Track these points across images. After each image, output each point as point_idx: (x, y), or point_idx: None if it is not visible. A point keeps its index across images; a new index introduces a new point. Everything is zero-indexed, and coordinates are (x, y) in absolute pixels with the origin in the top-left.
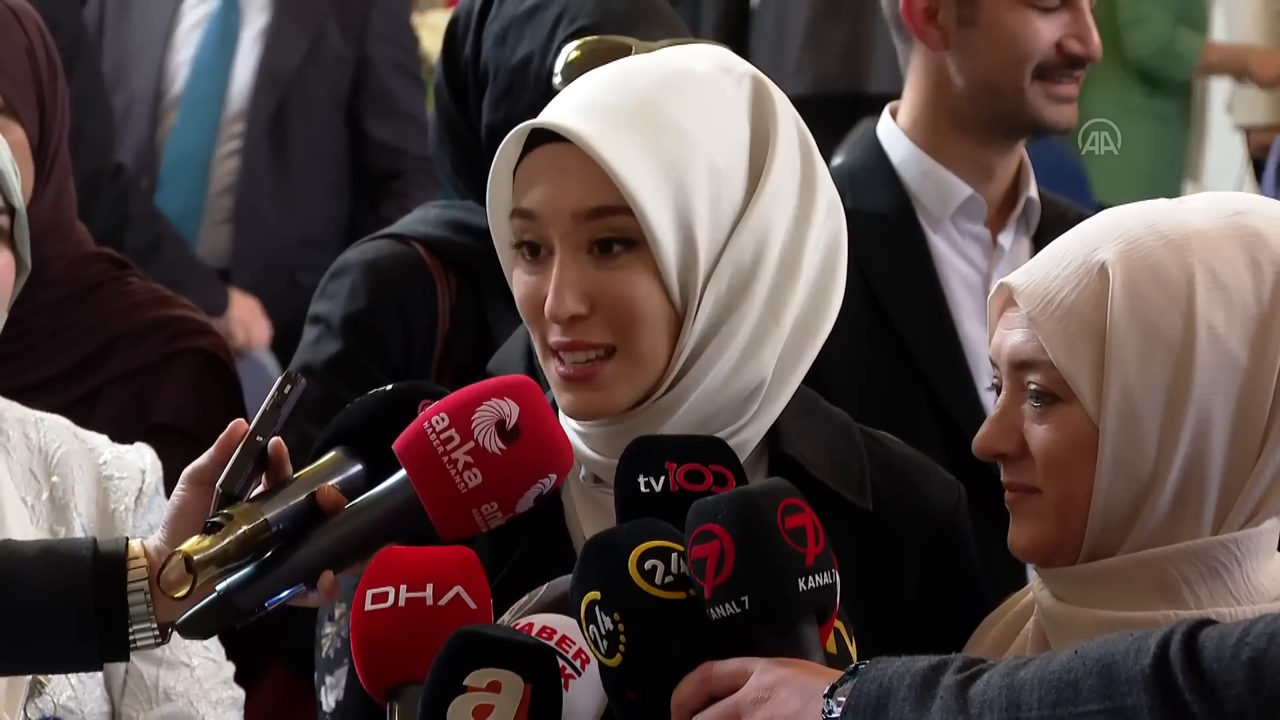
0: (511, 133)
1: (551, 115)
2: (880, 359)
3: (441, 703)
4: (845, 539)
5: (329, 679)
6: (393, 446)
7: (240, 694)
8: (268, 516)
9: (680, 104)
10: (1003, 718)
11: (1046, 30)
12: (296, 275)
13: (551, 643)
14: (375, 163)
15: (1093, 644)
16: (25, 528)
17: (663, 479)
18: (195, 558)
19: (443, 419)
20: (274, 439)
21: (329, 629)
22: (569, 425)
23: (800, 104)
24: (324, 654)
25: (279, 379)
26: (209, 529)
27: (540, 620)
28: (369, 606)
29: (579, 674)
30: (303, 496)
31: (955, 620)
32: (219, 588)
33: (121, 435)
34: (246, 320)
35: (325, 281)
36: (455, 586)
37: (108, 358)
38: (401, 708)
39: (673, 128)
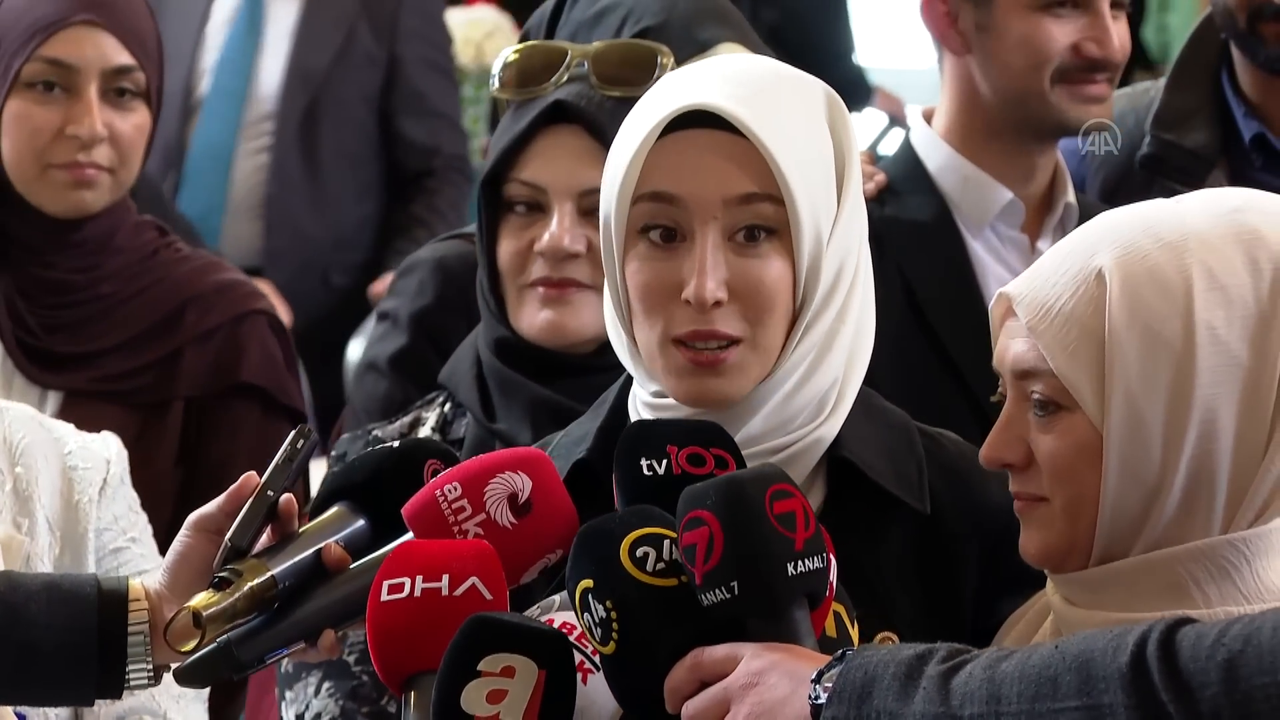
0: (647, 112)
1: (707, 98)
2: (922, 365)
3: (455, 687)
4: (905, 542)
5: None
6: (402, 511)
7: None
8: (275, 573)
9: (798, 104)
10: (983, 710)
11: (1060, 34)
12: (329, 276)
13: (570, 638)
14: (407, 162)
15: (1073, 639)
16: None
17: (665, 462)
18: (205, 613)
19: (455, 488)
20: (285, 495)
21: None
22: (641, 403)
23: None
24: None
25: (291, 434)
26: (217, 584)
27: (560, 617)
28: (385, 597)
29: (598, 670)
30: (309, 553)
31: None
32: (219, 639)
33: (209, 393)
34: None
35: (394, 279)
36: (471, 578)
37: (181, 319)
38: (417, 696)
39: (800, 123)
